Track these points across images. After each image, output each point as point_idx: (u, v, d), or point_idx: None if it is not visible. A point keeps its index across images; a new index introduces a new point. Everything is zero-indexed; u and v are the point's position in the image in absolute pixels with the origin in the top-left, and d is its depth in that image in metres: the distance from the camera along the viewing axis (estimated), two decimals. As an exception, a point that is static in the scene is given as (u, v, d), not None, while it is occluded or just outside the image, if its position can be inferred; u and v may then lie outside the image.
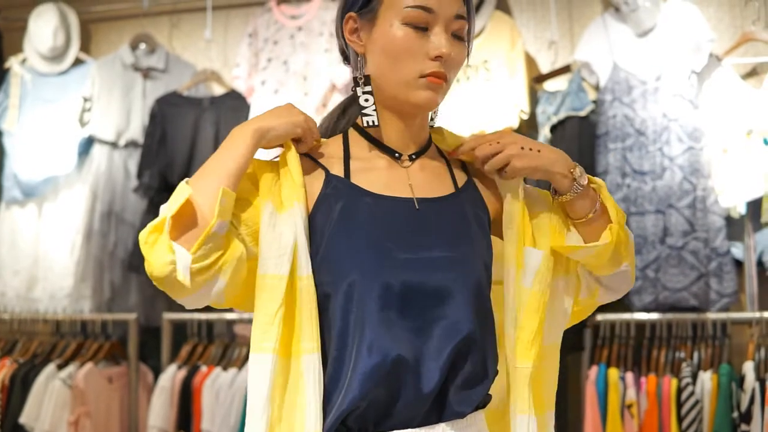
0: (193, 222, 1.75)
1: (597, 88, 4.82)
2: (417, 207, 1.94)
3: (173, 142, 5.18)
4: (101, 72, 5.52)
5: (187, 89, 5.36)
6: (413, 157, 2.02)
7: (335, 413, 1.78)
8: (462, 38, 1.97)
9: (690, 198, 4.49)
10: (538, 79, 5.02)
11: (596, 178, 2.07)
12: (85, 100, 5.49)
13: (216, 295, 1.80)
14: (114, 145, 5.44)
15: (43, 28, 5.61)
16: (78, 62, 5.74)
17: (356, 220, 1.89)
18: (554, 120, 4.76)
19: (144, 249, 1.74)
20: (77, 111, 5.49)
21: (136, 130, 5.44)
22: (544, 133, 4.78)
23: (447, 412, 1.85)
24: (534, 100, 4.93)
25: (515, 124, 4.75)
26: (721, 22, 4.88)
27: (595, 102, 4.77)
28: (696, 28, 4.62)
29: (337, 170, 1.96)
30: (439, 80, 1.91)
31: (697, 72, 4.61)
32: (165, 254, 1.71)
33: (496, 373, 1.94)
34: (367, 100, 1.97)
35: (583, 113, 4.71)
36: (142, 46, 5.60)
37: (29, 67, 5.72)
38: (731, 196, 4.49)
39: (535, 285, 1.97)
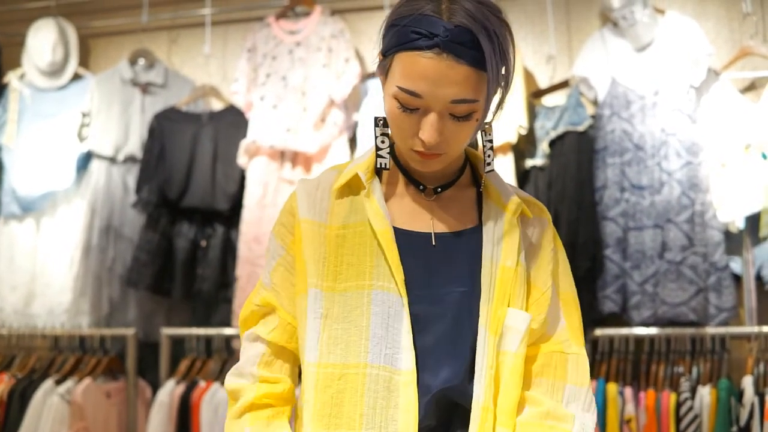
0: None
1: (595, 103, 4.83)
2: (434, 243, 1.95)
3: (172, 157, 5.18)
4: (100, 87, 5.52)
5: (186, 104, 5.36)
6: (439, 190, 2.01)
7: None
8: (466, 116, 1.84)
9: (688, 213, 4.49)
10: (536, 94, 5.02)
11: None
12: (84, 115, 5.48)
13: None
14: (112, 160, 5.43)
15: (42, 43, 5.61)
16: (77, 77, 5.73)
17: None
18: (553, 135, 4.76)
19: None
20: (76, 126, 5.48)
21: (134, 146, 5.43)
22: (543, 148, 4.78)
23: None
24: (532, 115, 4.93)
25: (513, 140, 4.75)
26: (719, 37, 4.89)
27: (593, 117, 4.78)
28: (694, 43, 4.63)
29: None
30: (429, 157, 1.87)
31: (695, 86, 4.62)
32: None
33: None
34: (383, 142, 1.98)
35: (581, 128, 4.71)
36: (141, 61, 5.60)
37: (28, 82, 5.72)
38: (730, 211, 4.49)
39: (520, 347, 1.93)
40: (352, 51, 5.09)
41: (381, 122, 1.97)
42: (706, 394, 4.24)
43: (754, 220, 4.55)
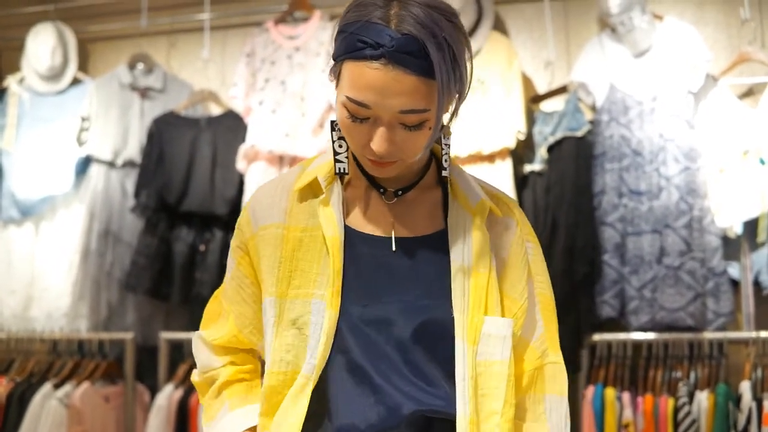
0: None
1: (593, 108, 4.84)
2: (394, 248, 1.91)
3: (171, 161, 5.19)
4: (99, 91, 5.53)
5: (185, 109, 5.37)
6: (399, 192, 1.96)
7: None
8: (416, 125, 1.76)
9: (687, 218, 4.50)
10: (534, 100, 5.03)
11: None
12: (83, 119, 5.49)
13: None
14: (111, 164, 5.44)
15: (41, 48, 5.62)
16: (76, 82, 5.74)
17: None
18: (551, 140, 4.77)
19: None
20: (75, 130, 5.49)
21: (133, 150, 5.44)
22: (541, 153, 4.79)
23: None
24: (531, 120, 4.94)
25: (512, 145, 4.76)
26: (718, 43, 4.90)
27: (591, 122, 4.78)
28: (692, 49, 4.64)
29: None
30: (382, 165, 1.82)
31: (693, 92, 4.63)
32: None
33: None
34: (340, 146, 1.93)
35: (579, 133, 4.72)
36: (140, 65, 5.61)
37: (27, 87, 5.73)
38: (728, 216, 4.50)
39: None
40: (351, 56, 5.08)
41: (337, 126, 1.91)
42: (703, 399, 4.25)
43: (752, 226, 4.55)
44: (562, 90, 4.97)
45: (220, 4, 5.65)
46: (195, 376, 2.15)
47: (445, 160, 1.95)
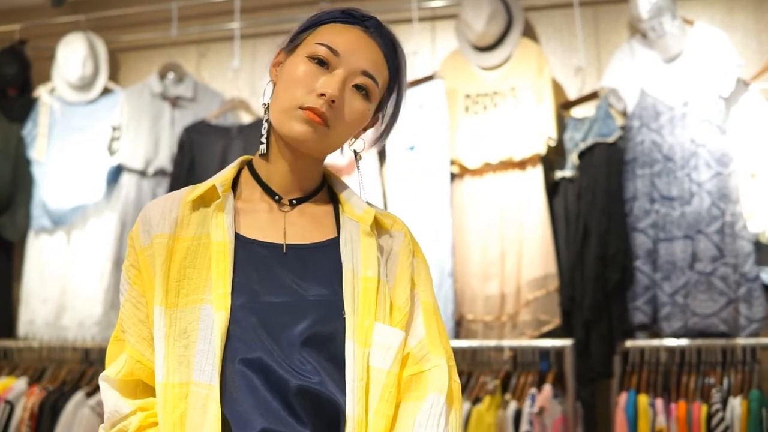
0: None
1: (624, 114, 4.82)
2: (285, 252, 1.92)
3: (202, 170, 5.19)
4: (130, 101, 5.56)
5: (216, 118, 5.39)
6: (294, 202, 2.00)
7: None
8: (365, 95, 1.93)
9: (719, 223, 4.48)
10: (565, 106, 5.03)
11: None
12: (114, 128, 5.52)
13: None
14: (143, 173, 5.47)
15: (72, 57, 5.65)
16: (106, 91, 5.78)
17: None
18: (582, 146, 4.77)
19: None
20: (106, 140, 5.52)
21: (164, 159, 5.47)
22: (572, 159, 4.79)
23: None
24: (561, 126, 4.94)
25: (543, 151, 4.76)
26: (748, 48, 4.89)
27: (622, 128, 4.77)
28: (723, 54, 4.63)
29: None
30: (317, 118, 1.87)
31: (724, 97, 4.61)
32: None
33: None
34: (264, 128, 1.99)
35: (610, 139, 4.71)
36: (171, 75, 5.63)
37: (58, 97, 5.77)
38: (760, 221, 4.48)
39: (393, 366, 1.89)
40: (381, 63, 5.09)
41: (266, 107, 2.00)
42: (737, 405, 4.23)
43: (784, 231, 4.54)
44: (592, 96, 4.97)
45: (250, 13, 5.68)
46: (102, 430, 1.99)
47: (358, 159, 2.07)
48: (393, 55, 1.98)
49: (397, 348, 1.87)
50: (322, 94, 1.86)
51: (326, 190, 2.08)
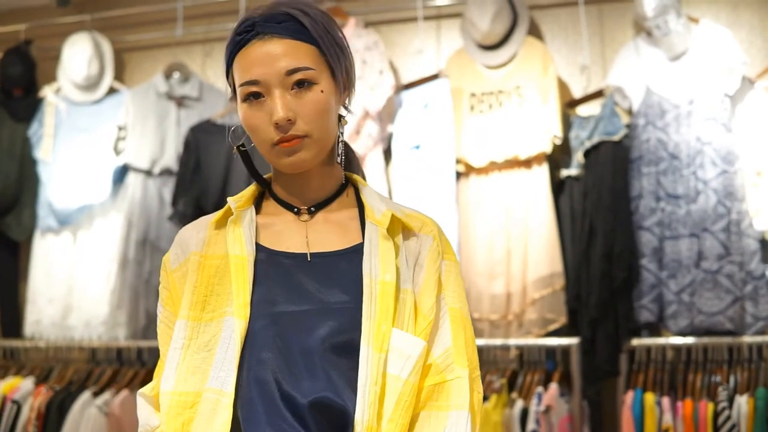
0: None
1: (630, 112, 4.82)
2: (309, 260, 1.93)
3: (207, 169, 5.20)
4: (135, 101, 5.57)
5: (221, 117, 5.37)
6: (312, 209, 2.01)
7: None
8: (308, 84, 1.90)
9: (724, 221, 4.48)
10: (570, 104, 5.02)
11: None
12: (120, 128, 5.53)
13: None
14: (148, 173, 5.48)
15: (77, 57, 5.66)
16: (112, 91, 5.79)
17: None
18: (587, 145, 4.77)
19: None
20: (112, 139, 5.53)
21: (170, 159, 5.47)
22: (578, 158, 4.79)
23: None
24: (567, 125, 4.93)
25: (548, 150, 4.76)
26: (753, 46, 4.88)
27: (628, 126, 4.77)
28: (728, 51, 4.62)
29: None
30: (291, 143, 1.88)
31: (730, 95, 4.61)
32: None
33: None
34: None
35: (616, 138, 4.71)
36: (176, 74, 5.64)
37: (63, 96, 5.77)
38: (766, 219, 4.48)
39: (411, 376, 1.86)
40: (386, 63, 5.11)
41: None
42: (743, 403, 4.22)
43: (790, 229, 4.53)
44: (598, 94, 4.97)
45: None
46: None
47: (339, 149, 2.04)
48: (301, 26, 1.90)
49: (416, 358, 1.85)
50: (277, 124, 1.85)
51: (352, 194, 2.08)
